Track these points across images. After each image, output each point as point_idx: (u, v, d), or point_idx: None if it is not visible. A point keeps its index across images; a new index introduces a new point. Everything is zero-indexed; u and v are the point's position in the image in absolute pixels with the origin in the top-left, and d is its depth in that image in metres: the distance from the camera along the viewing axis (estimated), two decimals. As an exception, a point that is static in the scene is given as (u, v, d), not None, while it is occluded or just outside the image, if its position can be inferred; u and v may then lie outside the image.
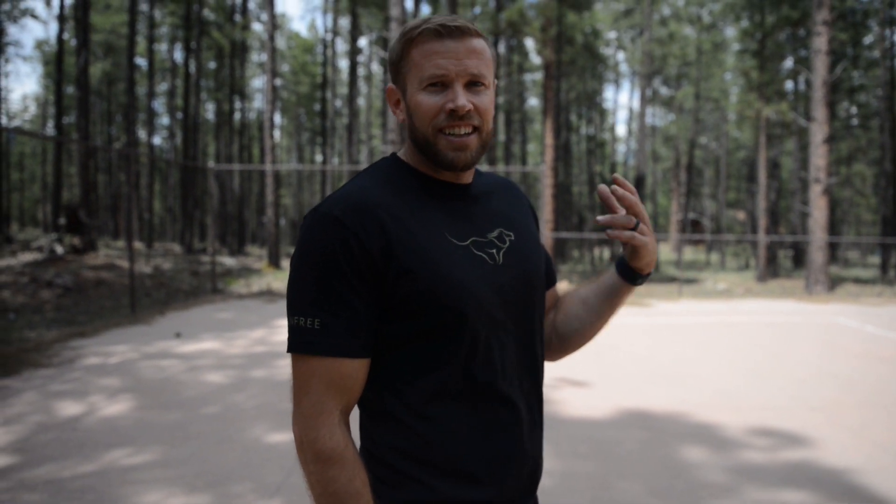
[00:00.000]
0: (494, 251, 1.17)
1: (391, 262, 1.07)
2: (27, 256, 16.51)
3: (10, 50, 47.32)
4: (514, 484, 1.16)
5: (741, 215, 48.29)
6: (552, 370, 6.59)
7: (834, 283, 19.51)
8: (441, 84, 1.11)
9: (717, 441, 4.62)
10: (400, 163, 1.19)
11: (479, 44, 1.13)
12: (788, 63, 26.60)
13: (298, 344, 1.08)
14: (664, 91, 38.73)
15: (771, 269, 26.12)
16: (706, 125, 39.72)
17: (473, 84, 1.12)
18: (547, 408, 5.31)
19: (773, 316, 11.75)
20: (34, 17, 33.15)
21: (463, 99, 1.10)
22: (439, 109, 1.11)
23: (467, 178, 1.21)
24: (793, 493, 3.72)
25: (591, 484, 3.81)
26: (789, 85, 27.19)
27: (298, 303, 1.09)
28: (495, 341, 1.14)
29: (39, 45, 45.44)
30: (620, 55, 40.06)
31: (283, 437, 4.50)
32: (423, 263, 1.08)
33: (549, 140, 17.39)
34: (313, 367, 1.07)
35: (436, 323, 1.09)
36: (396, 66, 1.16)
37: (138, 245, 27.60)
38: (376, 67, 41.49)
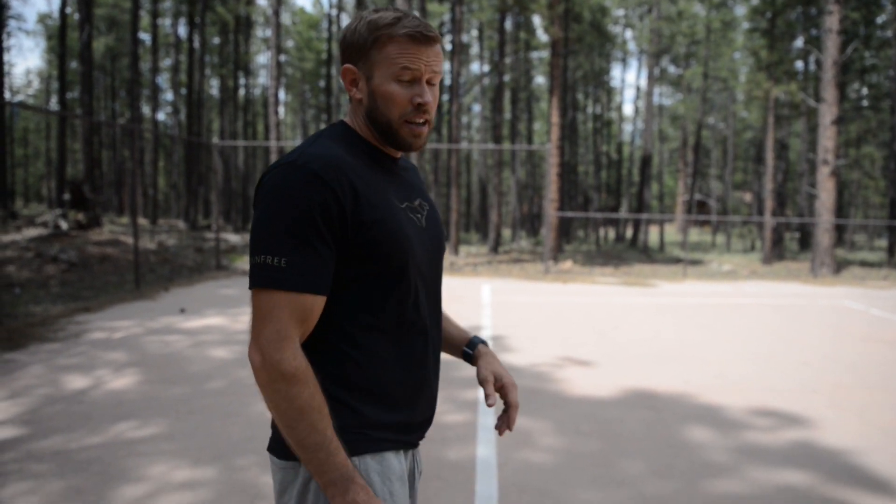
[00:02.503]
0: (420, 216, 1.37)
1: (357, 217, 1.21)
2: (32, 232, 16.54)
3: (13, 24, 47.03)
4: (422, 408, 1.36)
5: (748, 197, 48.07)
6: (556, 350, 6.63)
7: (840, 266, 19.45)
8: (411, 79, 1.27)
9: (720, 421, 4.63)
10: (350, 130, 1.34)
11: (440, 49, 1.31)
12: (799, 43, 26.30)
13: (265, 279, 1.17)
14: (672, 70, 38.36)
15: (777, 252, 26.05)
16: (714, 105, 39.40)
17: (431, 82, 1.30)
18: (551, 386, 5.35)
19: (778, 298, 11.74)
20: (37, -10, 32.87)
21: (428, 95, 1.28)
22: (407, 101, 1.27)
23: (397, 153, 1.39)
24: (792, 473, 3.74)
25: (593, 462, 3.83)
26: (799, 65, 26.90)
27: (267, 243, 1.18)
28: (421, 288, 1.33)
29: (42, 18, 45.18)
30: (628, 33, 39.62)
31: (288, 412, 4.53)
32: (381, 219, 1.24)
33: (554, 118, 17.27)
34: (278, 299, 1.17)
35: (383, 269, 1.26)
36: (361, 51, 1.28)
37: (143, 221, 27.64)
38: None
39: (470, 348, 1.54)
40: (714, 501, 3.37)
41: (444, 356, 1.51)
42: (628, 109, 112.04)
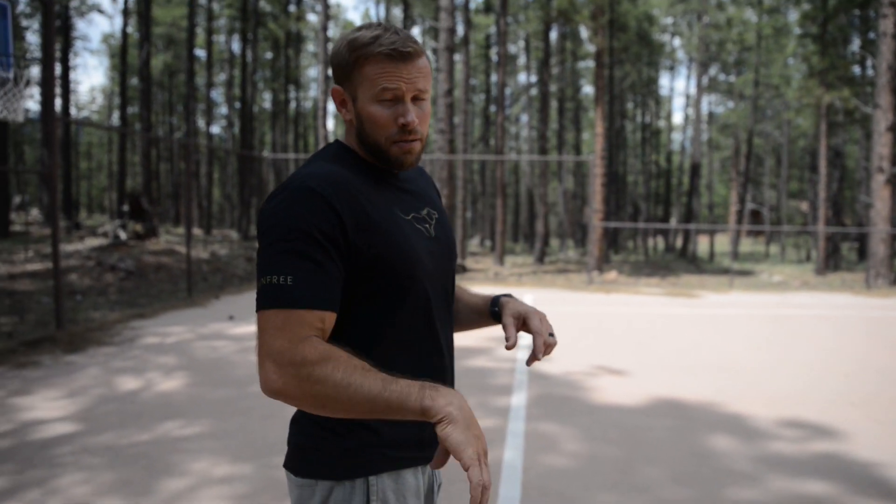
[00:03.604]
0: (428, 226, 1.34)
1: (359, 233, 1.19)
2: (93, 242, 17.32)
3: (79, 44, 49.29)
4: None
5: (804, 206, 46.79)
6: (591, 358, 6.70)
7: (898, 277, 18.82)
8: (393, 99, 1.24)
9: (747, 431, 4.65)
10: (346, 149, 1.32)
11: (423, 62, 1.26)
12: (854, 48, 25.62)
13: (272, 299, 1.12)
14: (722, 78, 37.73)
15: (833, 262, 25.34)
16: (766, 113, 38.57)
17: (417, 98, 1.27)
18: (581, 394, 5.44)
19: (826, 309, 11.49)
20: (100, 11, 34.44)
21: (412, 115, 1.24)
22: (392, 122, 1.24)
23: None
24: (816, 483, 3.76)
25: (615, 468, 3.92)
26: (856, 70, 26.18)
27: (271, 264, 1.14)
28: (433, 298, 1.30)
29: (105, 38, 47.18)
30: (677, 41, 39.17)
31: (324, 415, 4.74)
32: (384, 234, 1.22)
33: (599, 129, 17.26)
34: (287, 316, 1.12)
35: (392, 283, 1.23)
36: (345, 72, 1.26)
37: (197, 231, 28.56)
38: (430, 56, 41.65)
39: (495, 305, 1.50)
40: (733, 508, 3.42)
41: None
42: (678, 118, 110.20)
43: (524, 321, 1.42)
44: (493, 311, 1.50)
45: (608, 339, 8.05)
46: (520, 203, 41.42)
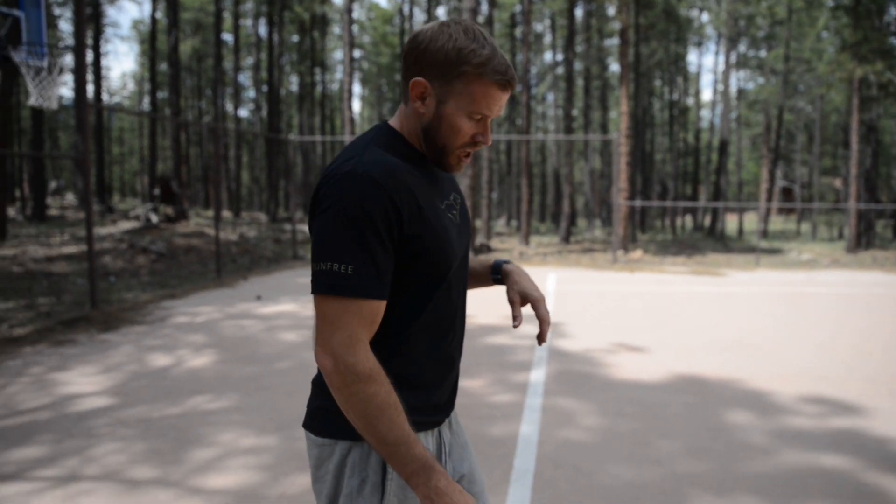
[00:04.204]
0: (455, 212, 1.42)
1: (412, 225, 1.25)
2: (126, 225, 17.72)
3: (109, 31, 49.85)
4: (448, 389, 1.45)
5: (837, 182, 45.82)
6: (612, 336, 6.75)
7: (933, 255, 18.46)
8: (481, 119, 1.32)
9: (765, 407, 4.68)
10: (397, 135, 1.36)
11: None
12: (890, 19, 24.87)
13: (332, 286, 1.19)
14: (751, 53, 36.96)
15: (866, 240, 24.86)
16: (799, 88, 37.74)
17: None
18: (600, 370, 5.51)
19: (854, 287, 11.35)
20: (130, -3, 34.81)
21: (490, 137, 1.35)
22: (469, 136, 1.32)
23: None
24: (832, 457, 3.79)
25: (631, 441, 3.99)
26: (894, 42, 25.46)
27: (332, 250, 1.20)
28: (455, 283, 1.39)
29: (135, 24, 47.75)
30: (705, 16, 38.42)
31: (347, 390, 4.88)
32: (431, 228, 1.29)
33: (624, 107, 17.11)
34: (346, 305, 1.19)
35: (430, 273, 1.30)
36: (442, 73, 1.28)
37: (226, 214, 28.97)
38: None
39: (496, 273, 1.61)
40: (744, 481, 3.48)
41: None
42: (707, 95, 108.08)
43: (532, 305, 1.52)
44: (494, 279, 1.62)
45: (630, 317, 8.08)
46: (546, 183, 41.23)
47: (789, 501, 3.24)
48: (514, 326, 1.46)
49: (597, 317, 8.00)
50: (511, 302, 1.52)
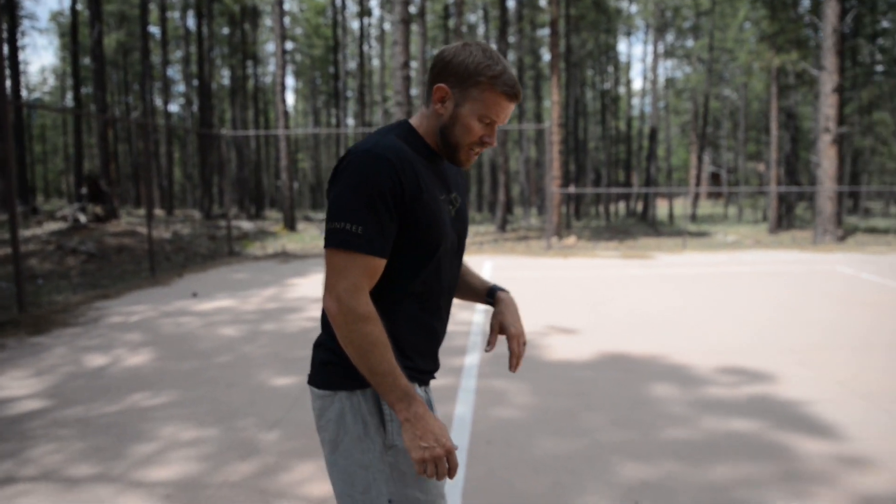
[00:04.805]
0: (452, 207, 1.66)
1: (413, 201, 1.49)
2: (52, 226, 17.14)
3: (26, 23, 47.70)
4: (432, 355, 1.69)
5: (761, 167, 47.78)
6: (545, 319, 7.00)
7: (848, 234, 19.57)
8: (490, 123, 1.56)
9: (686, 379, 5.00)
10: (414, 132, 1.61)
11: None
12: (804, 11, 26.08)
13: (343, 242, 1.44)
14: (679, 43, 38.14)
15: (787, 221, 26.10)
16: (725, 76, 39.16)
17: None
18: (533, 352, 5.73)
19: (774, 266, 12.00)
20: (47, -12, 33.37)
21: (495, 139, 1.60)
22: (478, 136, 1.56)
23: None
24: (743, 422, 4.11)
25: (560, 416, 4.22)
26: (811, 33, 26.72)
27: (346, 212, 1.44)
28: (446, 264, 1.62)
29: (54, 16, 45.78)
30: (633, 7, 39.39)
31: (287, 380, 4.96)
32: (428, 207, 1.52)
33: (555, 97, 17.48)
34: (353, 259, 1.44)
35: (422, 245, 1.54)
36: (461, 81, 1.53)
37: (159, 212, 28.27)
38: (388, 26, 41.27)
39: (490, 296, 1.86)
40: (663, 446, 3.74)
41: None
42: (638, 84, 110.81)
43: (507, 338, 1.77)
44: (487, 299, 1.87)
45: (562, 301, 8.37)
46: (482, 173, 41.64)
47: (704, 462, 3.52)
48: (486, 351, 1.76)
49: (531, 301, 8.26)
50: (490, 328, 1.78)
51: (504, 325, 1.78)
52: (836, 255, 13.73)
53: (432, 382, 1.75)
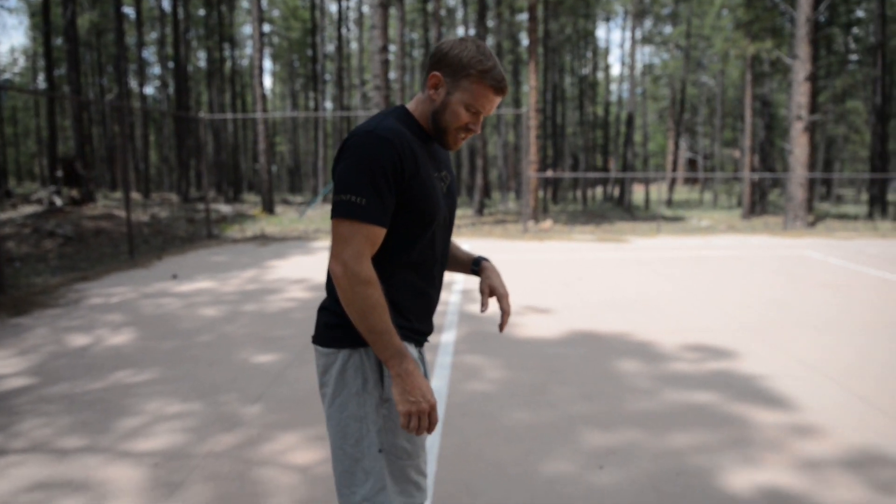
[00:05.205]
0: (444, 184, 1.84)
1: (411, 177, 1.66)
2: (28, 209, 17.00)
3: (-4, 1, 46.64)
4: (427, 319, 1.87)
5: (737, 153, 48.41)
6: (520, 300, 7.21)
7: (819, 219, 20.03)
8: (475, 112, 1.73)
9: (652, 356, 5.22)
10: (410, 116, 1.78)
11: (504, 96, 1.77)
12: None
13: (349, 212, 1.60)
14: (657, 29, 38.39)
15: (761, 207, 26.58)
16: (703, 63, 39.54)
17: (484, 114, 1.78)
18: (507, 330, 5.94)
19: (744, 250, 12.31)
20: (18, -34, 32.70)
21: (479, 127, 1.77)
22: (464, 123, 1.73)
23: None
24: (703, 394, 4.33)
25: (531, 390, 4.41)
26: (788, 23, 27.09)
27: (352, 186, 1.60)
28: (439, 235, 1.80)
29: (25, -5, 44.76)
30: (612, -7, 39.53)
31: (268, 357, 5.10)
32: (423, 183, 1.70)
33: (533, 82, 17.63)
34: (357, 227, 1.60)
35: (417, 218, 1.71)
36: (454, 72, 1.69)
37: (136, 195, 28.04)
38: (367, 9, 41.00)
39: (475, 265, 2.06)
40: (628, 417, 3.95)
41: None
42: (617, 70, 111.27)
43: (497, 298, 2.00)
44: (473, 269, 2.07)
45: (537, 282, 8.58)
46: (461, 157, 41.73)
47: (664, 431, 3.73)
48: (481, 311, 1.96)
49: (506, 283, 8.46)
50: (481, 292, 1.98)
51: (493, 287, 1.99)
52: (806, 241, 14.10)
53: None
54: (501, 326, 1.99)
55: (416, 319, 1.80)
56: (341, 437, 1.72)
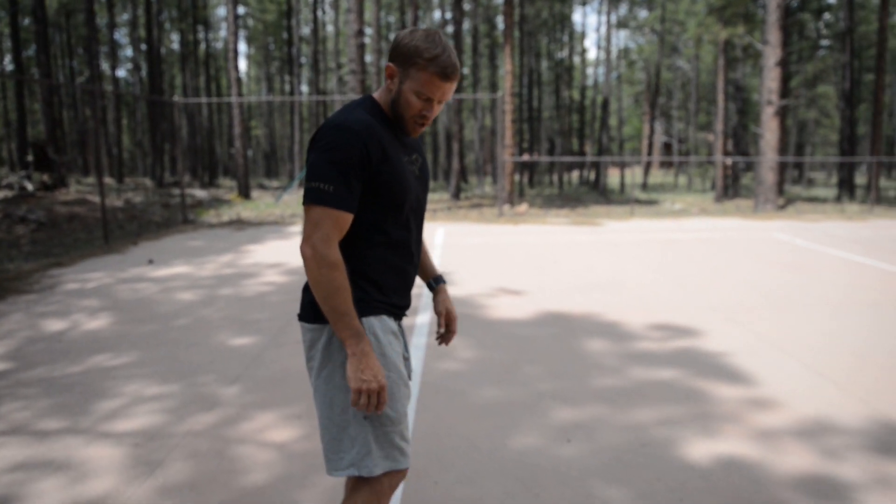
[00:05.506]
0: (415, 168, 1.95)
1: (379, 164, 1.76)
2: (-2, 193, 16.74)
3: (-39, -20, 45.43)
4: (405, 294, 1.99)
5: (711, 137, 48.91)
6: (494, 282, 7.34)
7: (789, 203, 20.41)
8: (426, 99, 1.80)
9: (619, 335, 5.39)
10: (376, 105, 1.87)
11: (456, 81, 1.81)
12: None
13: (317, 198, 1.71)
14: (632, 14, 38.53)
15: (732, 190, 26.97)
16: (678, 48, 39.80)
17: (439, 101, 1.84)
18: (480, 312, 6.06)
19: (715, 232, 12.57)
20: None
21: (431, 112, 1.84)
22: (418, 110, 1.81)
23: None
24: (667, 371, 4.50)
25: (501, 368, 4.55)
26: (761, 11, 27.36)
27: (321, 174, 1.71)
28: (412, 217, 1.92)
29: (-9, -26, 43.64)
30: (588, -23, 39.53)
31: (245, 340, 5.18)
32: (392, 168, 1.80)
33: (508, 66, 17.69)
34: (326, 213, 1.71)
35: (390, 201, 1.82)
36: (404, 62, 1.77)
37: (109, 180, 27.68)
38: (342, -7, 40.61)
39: (435, 282, 2.22)
40: (595, 393, 4.11)
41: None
42: (592, 54, 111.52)
43: (449, 320, 2.18)
44: (430, 284, 2.23)
45: (511, 265, 8.72)
46: (437, 141, 41.72)
47: (629, 406, 3.89)
48: (438, 336, 2.18)
49: (481, 266, 8.59)
50: (438, 314, 2.17)
51: (448, 311, 2.17)
52: (775, 223, 14.41)
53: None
54: (447, 342, 2.18)
55: (394, 295, 1.91)
56: (328, 406, 1.83)
